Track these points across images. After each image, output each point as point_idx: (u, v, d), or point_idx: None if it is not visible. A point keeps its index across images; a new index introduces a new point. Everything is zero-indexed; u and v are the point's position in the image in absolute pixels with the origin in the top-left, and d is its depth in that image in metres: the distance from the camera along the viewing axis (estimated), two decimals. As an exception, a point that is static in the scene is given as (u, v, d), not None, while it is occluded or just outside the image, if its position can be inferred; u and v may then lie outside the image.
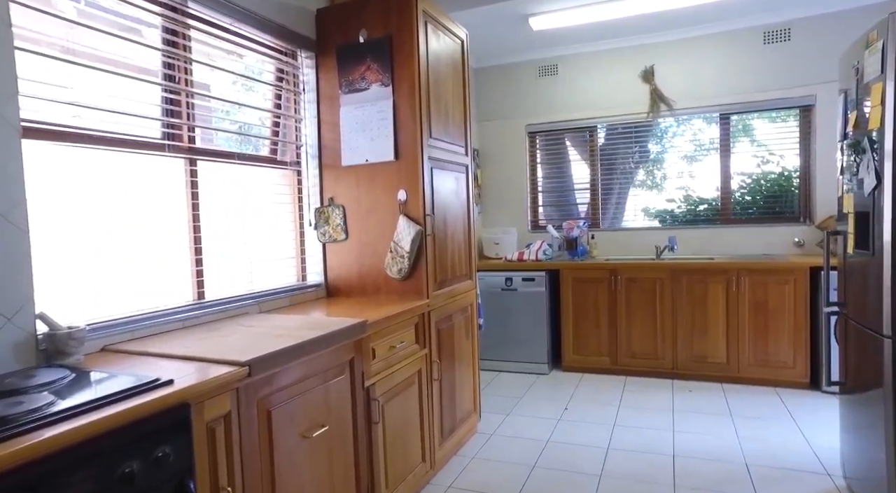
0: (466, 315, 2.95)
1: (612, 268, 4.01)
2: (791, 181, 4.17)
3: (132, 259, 1.81)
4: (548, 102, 4.71)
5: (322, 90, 2.61)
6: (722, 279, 3.73)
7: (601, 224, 4.69)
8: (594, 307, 4.08)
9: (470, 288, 3.01)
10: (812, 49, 3.94)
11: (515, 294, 4.24)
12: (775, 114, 4.18)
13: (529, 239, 4.78)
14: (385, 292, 2.54)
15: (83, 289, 1.66)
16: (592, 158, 4.69)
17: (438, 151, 2.61)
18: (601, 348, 4.09)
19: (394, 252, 2.46)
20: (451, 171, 2.78)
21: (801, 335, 3.57)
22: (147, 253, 1.86)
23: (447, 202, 2.72)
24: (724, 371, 3.77)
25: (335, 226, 2.60)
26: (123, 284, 1.78)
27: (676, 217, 4.51)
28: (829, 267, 2.35)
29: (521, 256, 4.34)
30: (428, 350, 2.47)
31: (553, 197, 4.91)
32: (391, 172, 2.48)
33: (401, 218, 2.45)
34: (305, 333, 1.70)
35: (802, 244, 4.03)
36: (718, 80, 4.19)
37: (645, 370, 3.98)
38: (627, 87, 4.44)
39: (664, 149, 4.55)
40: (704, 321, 3.79)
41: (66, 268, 1.62)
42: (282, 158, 2.54)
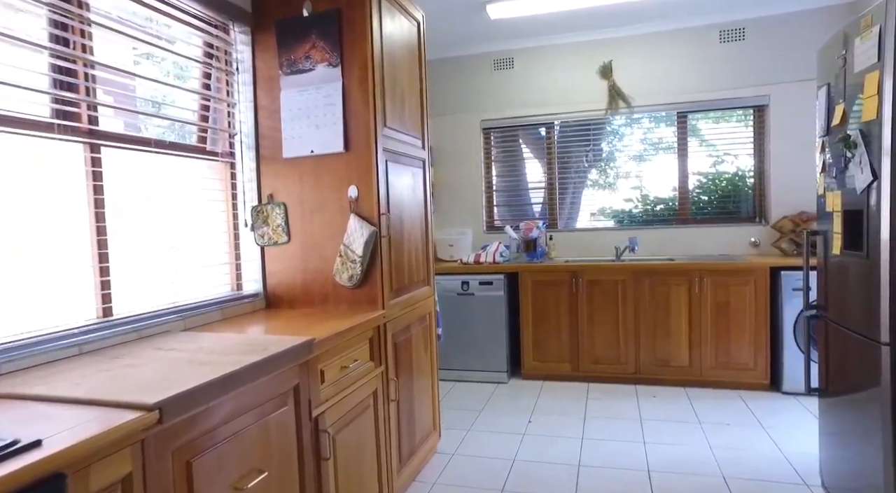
0: (425, 325, 2.68)
1: (574, 270, 3.84)
2: (745, 181, 4.16)
3: (11, 267, 1.43)
4: (503, 96, 4.51)
5: (259, 71, 2.27)
6: (684, 281, 3.64)
7: (558, 224, 4.54)
8: (555, 311, 3.91)
9: (428, 295, 2.74)
10: (765, 50, 3.93)
11: (472, 299, 4.01)
12: (730, 113, 4.15)
13: (485, 240, 4.57)
14: (334, 302, 2.23)
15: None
16: (549, 155, 4.53)
17: (394, 143, 2.33)
18: (562, 354, 3.92)
19: (344, 256, 2.16)
20: (408, 165, 2.50)
21: (761, 337, 3.53)
22: (33, 259, 1.48)
23: (404, 200, 2.44)
24: (686, 375, 3.68)
25: (275, 227, 2.26)
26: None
27: (634, 217, 4.42)
28: (809, 268, 2.24)
29: (477, 258, 4.11)
30: (384, 367, 2.18)
31: (508, 197, 4.72)
32: (340, 165, 2.18)
33: (352, 218, 2.15)
34: (239, 357, 1.38)
35: (758, 244, 4.01)
36: (676, 78, 4.12)
37: (608, 376, 3.84)
38: (585, 83, 4.30)
39: (621, 147, 4.45)
40: (667, 324, 3.69)
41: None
42: (212, 148, 2.18)
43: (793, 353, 3.43)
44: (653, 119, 4.33)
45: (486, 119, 4.57)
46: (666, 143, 4.30)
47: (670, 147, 4.28)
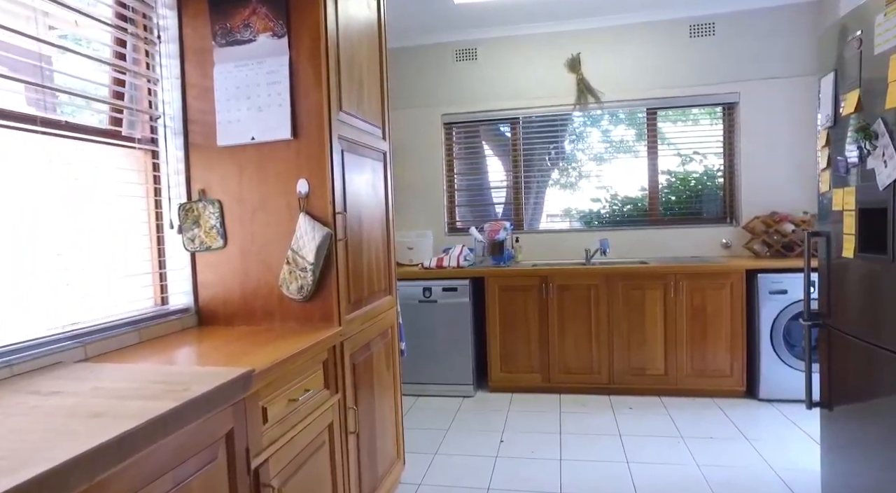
0: (387, 340, 2.35)
1: (543, 274, 3.60)
2: (715, 181, 4.04)
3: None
4: (466, 89, 4.23)
5: (188, 41, 1.89)
6: (659, 285, 3.46)
7: (524, 226, 4.30)
8: (523, 319, 3.66)
9: (390, 306, 2.41)
10: (736, 46, 3.83)
11: (435, 307, 3.71)
12: (701, 110, 4.03)
13: (447, 243, 4.28)
14: (281, 318, 1.87)
15: None
16: (514, 153, 4.29)
17: (351, 131, 2.00)
18: (532, 365, 3.67)
19: (292, 263, 1.81)
20: (368, 157, 2.17)
21: (737, 342, 3.39)
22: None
23: (363, 197, 2.11)
24: (662, 383, 3.50)
25: (209, 229, 1.89)
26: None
27: (602, 218, 4.23)
28: (809, 273, 2.05)
29: (440, 262, 3.81)
30: (341, 395, 1.85)
31: (471, 196, 4.44)
32: (288, 155, 1.83)
33: (302, 218, 1.80)
34: (147, 404, 1.02)
35: (729, 246, 3.90)
36: (646, 73, 3.96)
37: (580, 387, 3.62)
38: (553, 76, 4.08)
39: (590, 144, 4.26)
40: (642, 331, 3.50)
41: None
42: (129, 133, 1.79)
43: (770, 358, 3.31)
44: (622, 115, 4.16)
45: (448, 113, 4.28)
46: (636, 140, 4.13)
47: (640, 144, 4.12)
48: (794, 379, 3.29)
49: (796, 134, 3.78)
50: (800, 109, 3.76)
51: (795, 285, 3.26)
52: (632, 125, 4.17)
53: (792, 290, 3.26)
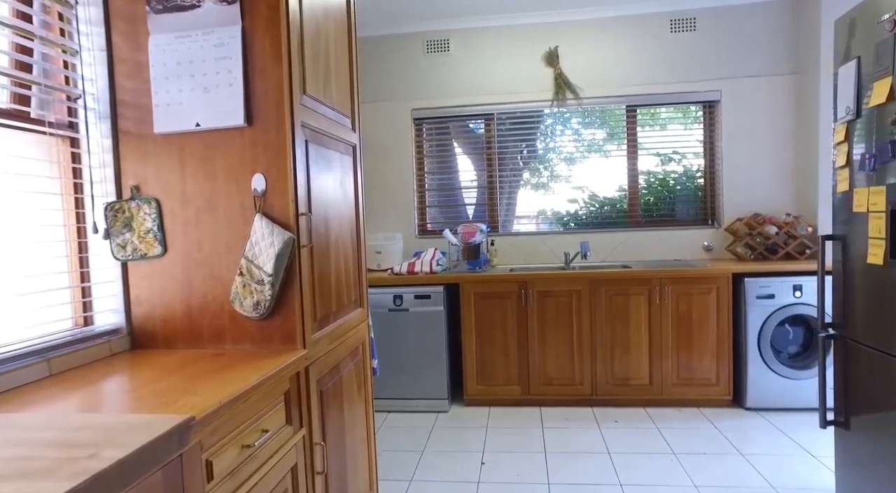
0: (358, 359, 2.07)
1: (522, 280, 3.38)
2: (694, 181, 3.92)
3: None
4: (437, 83, 3.98)
5: (115, 5, 1.56)
6: (644, 290, 3.28)
7: (499, 228, 4.07)
8: (501, 328, 3.42)
9: (361, 320, 2.13)
10: (717, 42, 3.71)
11: (407, 315, 3.43)
12: (681, 109, 3.90)
13: (418, 246, 4.01)
14: (233, 340, 1.56)
15: None
16: (489, 150, 4.06)
17: (317, 119, 1.71)
18: (510, 376, 3.44)
19: (247, 275, 1.51)
20: (335, 151, 1.89)
21: (723, 349, 3.25)
22: None
23: (330, 196, 1.82)
24: (646, 394, 3.33)
25: (143, 233, 1.56)
26: None
27: (581, 220, 4.05)
28: (824, 279, 1.89)
29: (411, 267, 3.54)
30: (307, 430, 1.56)
31: (442, 197, 4.19)
32: (241, 145, 1.52)
33: (258, 220, 1.50)
34: (27, 487, 0.72)
35: (711, 248, 3.77)
36: (626, 69, 3.79)
37: (561, 399, 3.41)
38: (529, 70, 3.88)
39: (567, 142, 4.07)
40: (626, 339, 3.32)
41: None
42: (39, 115, 1.45)
43: (757, 366, 3.18)
44: (601, 112, 3.99)
45: (418, 108, 4.01)
46: (614, 138, 3.97)
47: (619, 143, 3.96)
48: (782, 387, 3.17)
49: (777, 134, 3.69)
50: (780, 109, 3.67)
51: (782, 289, 3.14)
52: (611, 123, 4.00)
53: (779, 294, 3.14)
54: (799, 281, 3.14)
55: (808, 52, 3.52)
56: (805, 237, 3.44)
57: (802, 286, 3.13)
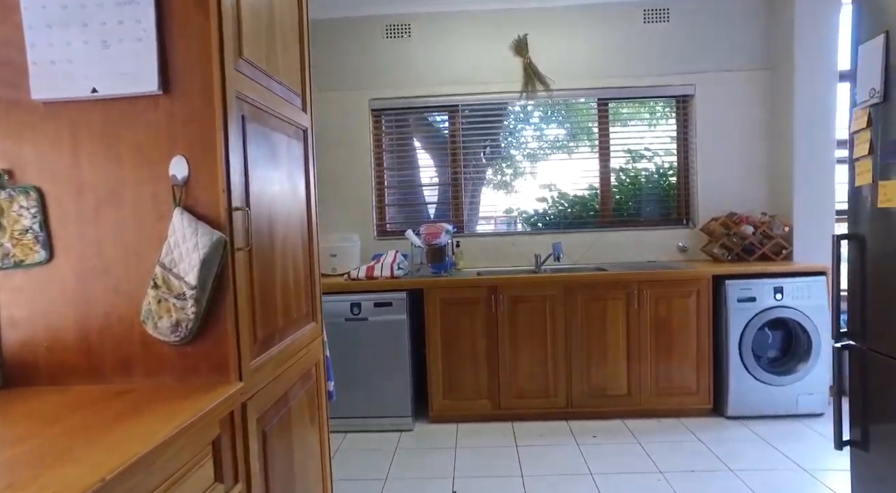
0: (311, 384, 1.74)
1: (492, 284, 3.11)
2: (668, 179, 3.76)
3: None
4: (398, 71, 3.67)
5: (-19, -68, 1.18)
6: (622, 294, 3.08)
7: (464, 228, 3.80)
8: (469, 337, 3.14)
9: (314, 336, 1.80)
10: (690, 35, 3.56)
11: (365, 325, 3.10)
12: (654, 103, 3.74)
13: (377, 249, 3.68)
14: (145, 373, 1.21)
15: None
16: (453, 145, 3.78)
17: (259, 91, 1.38)
18: (480, 389, 3.16)
19: (164, 287, 1.16)
20: (282, 134, 1.56)
21: (704, 355, 3.08)
22: None
23: (276, 189, 1.49)
24: (625, 405, 3.12)
25: (18, 233, 1.19)
26: None
27: (550, 220, 3.82)
28: (839, 283, 1.69)
29: (370, 272, 3.21)
30: (244, 485, 1.22)
31: (403, 195, 3.88)
32: (154, 119, 1.18)
33: (178, 216, 1.16)
34: None
35: (686, 249, 3.62)
36: (598, 60, 3.59)
37: (535, 412, 3.16)
38: (497, 59, 3.62)
39: (535, 137, 3.84)
40: (603, 346, 3.11)
41: None
42: None
43: (738, 372, 3.02)
44: (571, 106, 3.78)
45: (377, 98, 3.69)
46: (585, 134, 3.77)
47: (590, 139, 3.76)
48: (763, 394, 3.03)
49: (750, 131, 3.58)
50: (754, 105, 3.56)
51: (763, 292, 3.00)
52: (582, 117, 3.80)
53: (760, 297, 3.00)
54: (780, 283, 3.00)
55: (782, 47, 3.42)
56: (781, 237, 3.33)
57: (783, 288, 3.00)
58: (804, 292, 3.00)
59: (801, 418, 3.05)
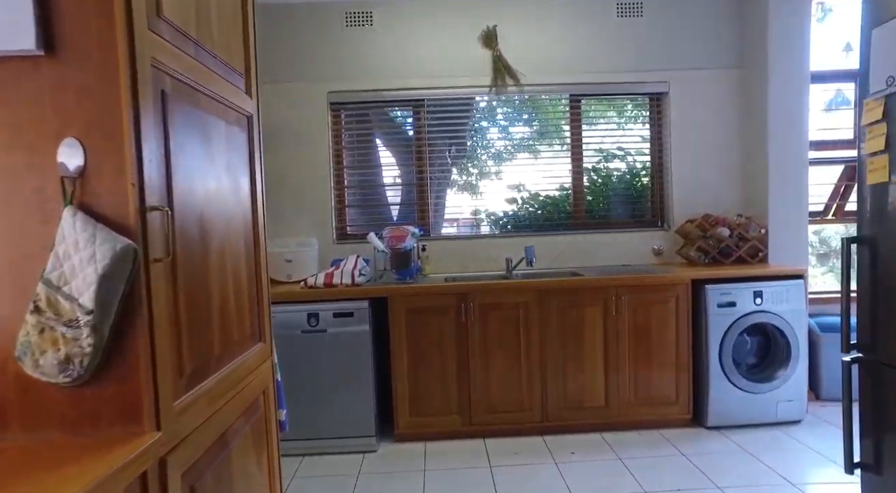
0: (258, 416, 1.46)
1: (461, 291, 2.89)
2: (641, 180, 3.63)
3: None
4: (359, 62, 3.40)
5: None
6: (599, 300, 2.91)
7: (430, 231, 3.56)
8: (438, 348, 2.91)
9: (263, 358, 1.53)
10: (664, 31, 3.44)
11: (324, 338, 2.82)
12: (628, 101, 3.60)
13: (336, 253, 3.40)
14: (24, 425, 0.92)
15: None
16: (419, 142, 3.54)
17: (185, 63, 1.10)
18: (449, 404, 2.93)
19: (48, 310, 0.88)
20: (220, 120, 1.28)
21: (683, 363, 2.94)
22: None
23: (212, 186, 1.22)
24: (602, 417, 2.95)
25: None
26: None
27: (522, 222, 3.63)
28: (849, 292, 1.54)
29: (329, 279, 2.94)
30: (163, 565, 0.95)
31: (364, 195, 3.61)
32: (35, 88, 0.90)
33: (68, 217, 0.88)
34: None
35: (661, 252, 3.49)
36: (570, 55, 3.43)
37: (508, 428, 2.95)
38: (465, 51, 3.40)
39: (504, 135, 3.65)
40: (580, 356, 2.93)
41: None
42: None
43: (719, 381, 2.90)
44: (542, 102, 3.61)
45: (336, 91, 3.41)
46: (557, 132, 3.60)
47: (562, 137, 3.59)
48: (743, 402, 2.92)
49: (725, 130, 3.48)
50: (728, 105, 3.47)
51: (743, 296, 2.88)
52: (553, 114, 3.63)
53: (741, 302, 2.88)
54: (759, 287, 2.90)
55: (755, 47, 3.33)
56: (757, 239, 3.23)
57: (763, 292, 2.89)
58: (783, 297, 2.91)
59: (781, 425, 2.95)
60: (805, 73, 3.27)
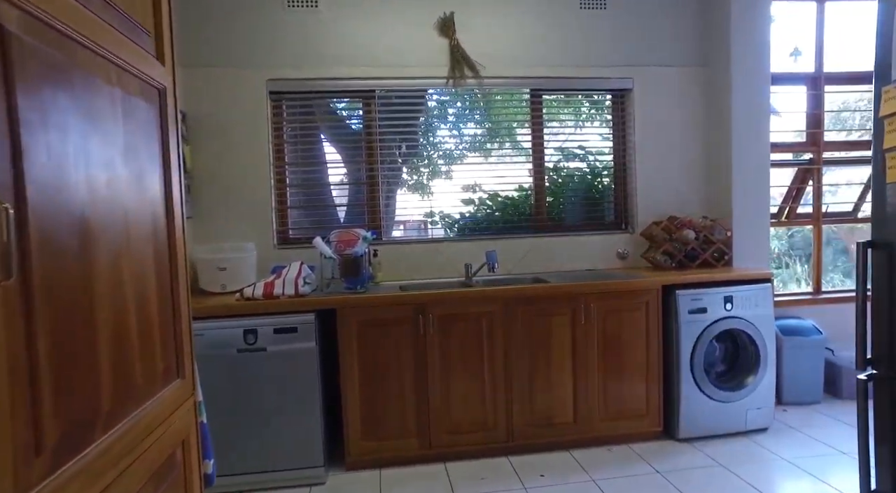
0: (173, 477, 1.13)
1: (419, 302, 2.61)
2: (602, 181, 3.48)
3: None
4: (303, 48, 3.06)
5: None
6: (567, 309, 2.71)
7: (382, 235, 3.26)
8: (393, 364, 2.62)
9: (181, 400, 1.20)
10: (627, 25, 3.29)
11: (264, 358, 2.48)
12: (591, 97, 3.44)
13: (278, 260, 3.03)
14: None
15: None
16: (370, 137, 3.23)
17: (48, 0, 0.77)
18: (406, 426, 2.64)
19: None
20: (113, 87, 0.95)
21: (653, 374, 2.79)
22: None
23: (99, 180, 0.89)
24: (571, 433, 2.75)
25: None
26: None
27: (480, 225, 3.39)
28: (865, 301, 1.38)
29: (269, 289, 2.59)
30: None
31: (309, 195, 3.27)
32: None
33: None
34: None
35: (626, 256, 3.34)
36: (532, 47, 3.22)
37: (472, 449, 2.70)
38: (420, 39, 3.13)
39: (461, 131, 3.40)
40: (547, 369, 2.71)
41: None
42: None
43: (690, 390, 2.76)
44: (502, 97, 3.39)
45: (277, 79, 3.06)
46: (517, 128, 3.39)
47: (523, 134, 3.38)
48: (714, 412, 2.80)
49: (690, 130, 3.38)
50: (692, 103, 3.37)
51: (714, 302, 2.76)
52: (513, 110, 3.42)
53: (711, 308, 2.76)
54: (729, 292, 2.78)
55: (718, 45, 3.25)
56: (721, 242, 3.14)
57: (733, 297, 2.78)
58: (752, 301, 2.81)
59: (749, 434, 2.85)
60: (766, 73, 3.22)
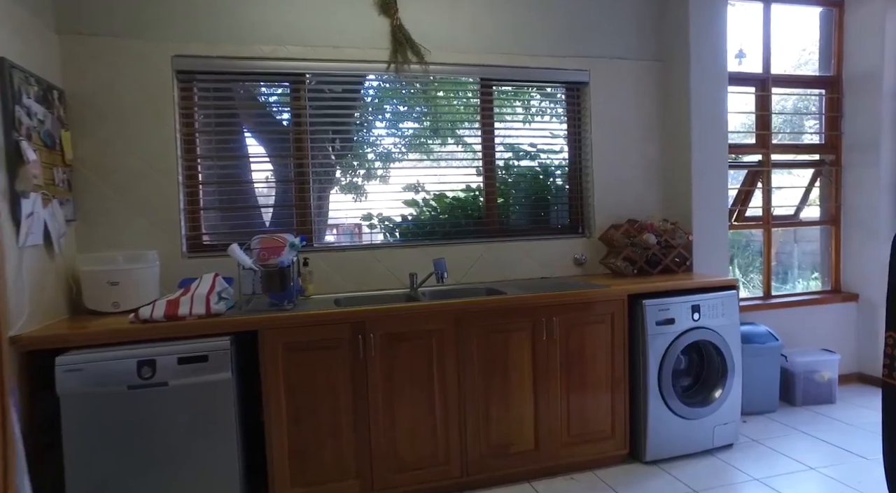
0: None
1: (357, 319, 2.23)
2: (556, 181, 3.23)
3: None
4: (218, 20, 2.60)
5: None
6: (527, 324, 2.41)
7: (313, 240, 2.85)
8: (329, 395, 2.22)
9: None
10: (583, 13, 3.06)
11: (165, 394, 2.01)
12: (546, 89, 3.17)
13: (187, 271, 2.55)
14: None
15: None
16: (299, 128, 2.81)
17: None
18: (345, 466, 2.25)
19: None
20: None
21: (619, 392, 2.55)
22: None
23: None
24: (532, 462, 2.45)
25: None
26: None
27: (424, 229, 3.04)
28: None
29: (173, 308, 2.12)
30: None
31: (227, 194, 2.80)
32: None
33: None
34: None
35: (584, 262, 3.10)
36: (482, 32, 2.92)
37: (422, 488, 2.34)
38: (357, 16, 2.75)
39: (401, 125, 3.05)
40: (505, 392, 2.40)
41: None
42: None
43: (658, 410, 2.54)
44: (448, 86, 3.07)
45: (185, 56, 2.57)
46: (466, 121, 3.07)
47: (471, 129, 3.07)
48: (681, 431, 2.59)
49: (647, 128, 3.20)
50: (650, 100, 3.19)
51: (681, 312, 2.56)
52: (461, 102, 3.10)
53: (679, 318, 2.55)
54: (696, 301, 2.59)
55: (676, 40, 3.09)
56: (682, 246, 2.96)
57: (700, 306, 2.59)
58: (718, 310, 2.63)
59: (716, 452, 2.68)
60: (724, 71, 3.10)
